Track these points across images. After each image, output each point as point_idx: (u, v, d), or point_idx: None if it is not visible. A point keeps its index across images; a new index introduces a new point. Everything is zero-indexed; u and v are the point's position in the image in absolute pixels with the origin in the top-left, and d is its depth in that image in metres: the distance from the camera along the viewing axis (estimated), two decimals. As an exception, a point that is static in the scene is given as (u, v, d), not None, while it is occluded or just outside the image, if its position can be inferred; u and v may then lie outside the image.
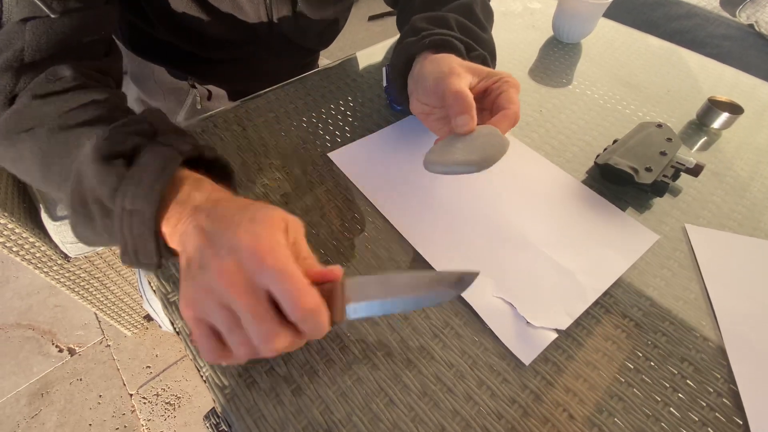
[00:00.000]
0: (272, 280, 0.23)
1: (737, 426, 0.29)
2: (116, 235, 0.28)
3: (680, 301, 0.36)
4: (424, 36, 0.41)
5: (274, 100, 0.54)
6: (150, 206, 0.27)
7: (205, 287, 0.24)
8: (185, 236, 0.26)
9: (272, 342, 0.23)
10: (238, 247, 0.24)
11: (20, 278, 1.23)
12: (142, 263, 0.29)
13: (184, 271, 0.26)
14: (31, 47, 0.33)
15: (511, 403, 0.29)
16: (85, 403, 1.00)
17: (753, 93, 0.60)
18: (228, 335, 0.24)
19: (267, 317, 0.23)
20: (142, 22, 0.53)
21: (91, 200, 0.28)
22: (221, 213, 0.26)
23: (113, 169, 0.27)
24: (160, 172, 0.27)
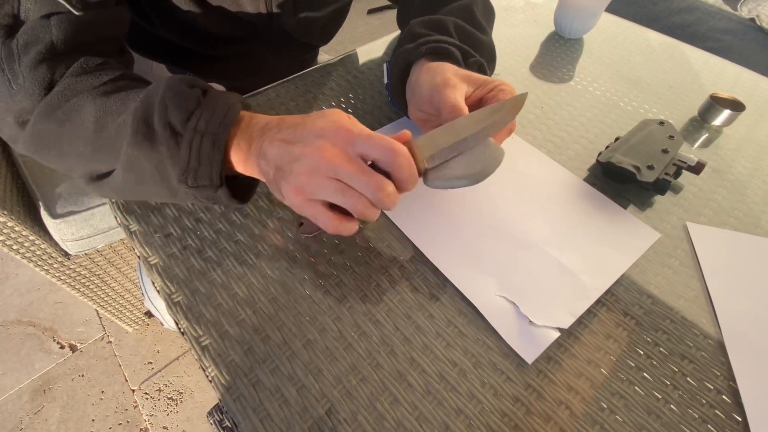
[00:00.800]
0: (364, 142, 0.28)
1: (736, 423, 0.30)
2: (180, 155, 0.30)
3: (681, 299, 0.36)
4: (421, 43, 0.41)
5: (274, 98, 0.53)
6: (223, 130, 0.30)
7: (307, 171, 0.28)
8: (263, 153, 0.30)
9: (383, 189, 0.28)
10: (324, 131, 0.29)
11: (20, 275, 1.22)
12: (199, 185, 0.31)
13: (276, 177, 0.30)
14: (60, 40, 0.34)
15: (514, 402, 0.30)
16: (87, 399, 1.00)
17: (755, 89, 0.60)
18: (343, 198, 0.28)
19: (372, 172, 0.29)
20: (141, 19, 0.53)
21: (160, 122, 0.30)
22: (290, 122, 0.31)
23: (193, 93, 0.30)
24: (231, 106, 0.31)
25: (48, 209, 0.73)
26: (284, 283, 0.35)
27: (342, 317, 0.34)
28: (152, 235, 0.38)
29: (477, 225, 0.39)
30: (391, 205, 0.30)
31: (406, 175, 0.29)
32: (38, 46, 0.33)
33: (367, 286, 0.36)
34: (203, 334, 0.32)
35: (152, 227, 0.39)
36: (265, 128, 0.31)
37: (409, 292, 0.35)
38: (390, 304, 0.35)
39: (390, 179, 0.30)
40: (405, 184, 0.30)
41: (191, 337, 0.32)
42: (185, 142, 0.30)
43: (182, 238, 0.38)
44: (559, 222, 0.40)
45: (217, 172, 0.31)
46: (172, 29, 0.53)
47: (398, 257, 0.38)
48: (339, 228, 0.30)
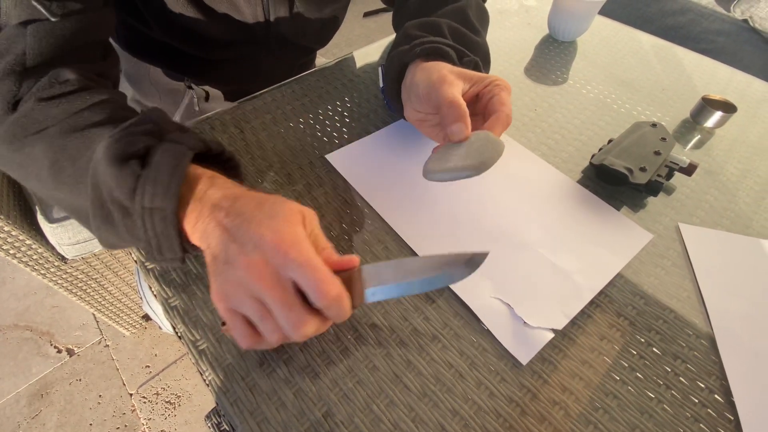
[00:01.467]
0: (297, 272, 0.26)
1: (728, 421, 0.30)
2: (138, 234, 0.29)
3: (674, 299, 0.36)
4: (416, 44, 0.41)
5: (270, 102, 0.54)
6: (170, 202, 0.28)
7: (234, 282, 0.26)
8: (207, 234, 0.28)
9: (301, 328, 0.26)
10: (262, 242, 0.26)
11: (17, 279, 1.22)
12: (167, 259, 0.30)
13: (210, 266, 0.28)
14: (33, 51, 0.33)
15: (509, 402, 0.30)
16: (85, 403, 1.00)
17: (747, 91, 0.60)
18: (260, 324, 0.26)
19: (295, 306, 0.26)
20: (138, 22, 0.53)
21: (110, 202, 0.29)
22: (240, 210, 0.28)
23: (128, 169, 0.28)
24: (174, 169, 0.28)
25: (44, 214, 0.73)
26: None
27: (338, 320, 0.34)
28: (149, 240, 0.38)
29: (472, 227, 0.40)
30: (312, 336, 0.28)
31: (334, 314, 0.27)
32: (8, 57, 0.32)
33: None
34: (200, 338, 0.33)
35: (149, 232, 0.39)
36: (216, 206, 0.28)
37: (405, 295, 0.36)
38: (386, 307, 0.35)
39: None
40: (333, 320, 0.28)
41: (188, 341, 0.33)
42: (138, 221, 0.28)
43: (179, 243, 0.38)
44: (553, 224, 0.41)
45: (178, 245, 0.29)
46: (169, 33, 0.53)
47: (394, 258, 0.38)
48: (252, 346, 0.28)
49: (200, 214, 0.29)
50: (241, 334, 0.27)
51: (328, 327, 0.28)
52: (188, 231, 0.29)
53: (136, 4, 0.50)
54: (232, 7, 0.50)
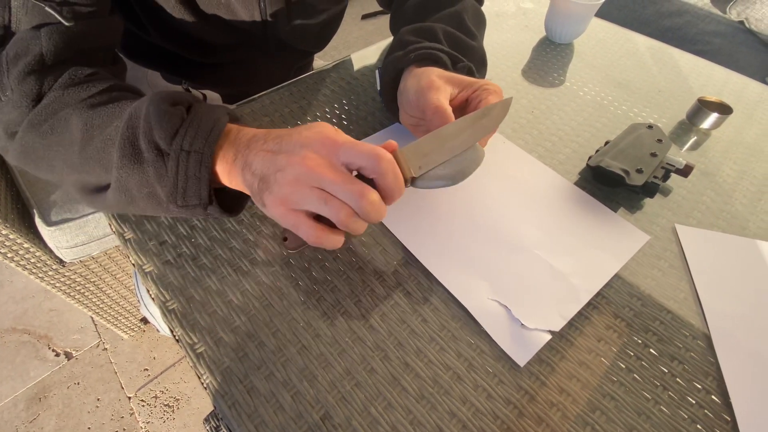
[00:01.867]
0: (349, 150, 0.28)
1: (725, 422, 0.30)
2: (168, 176, 0.30)
3: (670, 300, 0.37)
4: (410, 50, 0.42)
5: (269, 104, 0.54)
6: (209, 147, 0.30)
7: (290, 181, 0.28)
8: (249, 162, 0.30)
9: (365, 198, 0.27)
10: (308, 141, 0.29)
11: (14, 282, 1.22)
12: (189, 205, 0.31)
13: (261, 185, 0.29)
14: (50, 51, 0.34)
15: (506, 404, 0.30)
16: (83, 406, 1.00)
17: (743, 92, 0.61)
18: (326, 208, 0.28)
19: (355, 180, 0.28)
20: (136, 27, 0.53)
21: (146, 142, 0.30)
22: (276, 134, 0.31)
23: (177, 111, 0.30)
24: (216, 121, 0.31)
25: (42, 217, 0.73)
26: (278, 289, 0.36)
27: (336, 323, 0.34)
28: (147, 243, 0.39)
29: (470, 230, 0.40)
30: (376, 216, 0.29)
31: (391, 181, 0.29)
32: (27, 58, 0.34)
33: (361, 291, 0.36)
34: (198, 341, 0.33)
35: (147, 235, 0.39)
36: (252, 140, 0.31)
37: (402, 297, 0.36)
38: (384, 309, 0.35)
39: (376, 189, 0.29)
40: (391, 192, 0.29)
41: (186, 344, 0.33)
42: (172, 162, 0.30)
43: (177, 246, 0.38)
44: (551, 226, 0.41)
45: (206, 190, 0.30)
46: (167, 37, 0.53)
47: (392, 262, 0.38)
48: (322, 240, 0.29)
49: (237, 152, 0.31)
50: (309, 228, 0.28)
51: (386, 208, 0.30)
52: (225, 171, 0.31)
53: (134, 9, 0.50)
54: (230, 11, 0.50)
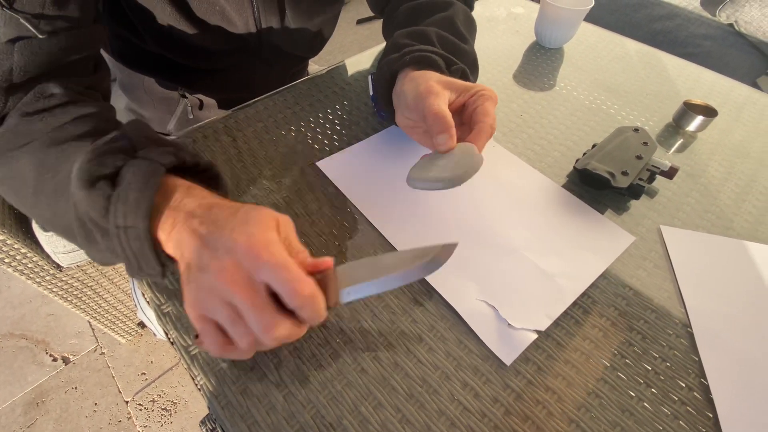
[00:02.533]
0: (269, 273, 0.25)
1: (707, 418, 0.31)
2: (117, 251, 0.29)
3: (655, 300, 0.37)
4: (405, 53, 0.43)
5: (263, 110, 0.55)
6: (141, 220, 0.28)
7: (206, 287, 0.26)
8: (181, 242, 0.28)
9: (272, 331, 0.26)
10: (234, 247, 0.26)
11: (12, 288, 1.22)
12: (147, 273, 0.30)
13: (184, 274, 0.28)
14: (20, 67, 0.34)
15: (493, 403, 0.31)
16: (81, 411, 1.00)
17: (729, 95, 0.62)
18: (231, 328, 0.26)
19: (266, 308, 0.26)
20: (131, 34, 0.54)
21: (88, 221, 0.29)
22: (214, 218, 0.28)
23: (99, 192, 0.28)
24: (143, 187, 0.28)
25: (40, 222, 0.74)
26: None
27: (327, 324, 0.35)
28: (142, 248, 0.39)
29: (459, 232, 0.41)
30: (286, 341, 0.27)
31: (308, 314, 0.26)
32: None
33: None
34: (192, 343, 0.33)
35: (142, 240, 0.40)
36: (191, 214, 0.29)
37: (393, 299, 0.36)
38: (374, 311, 0.36)
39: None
40: (309, 321, 0.28)
41: (180, 346, 0.33)
42: (115, 240, 0.29)
43: (172, 250, 0.39)
44: (539, 228, 0.42)
45: (155, 261, 0.29)
46: (163, 45, 0.54)
47: (383, 265, 0.39)
48: (224, 353, 0.27)
49: (175, 222, 0.29)
50: (212, 341, 0.27)
51: (303, 332, 0.28)
52: (163, 240, 0.30)
53: (129, 16, 0.50)
54: (224, 18, 0.51)
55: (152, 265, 0.29)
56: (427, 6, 0.51)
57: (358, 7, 1.35)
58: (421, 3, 0.52)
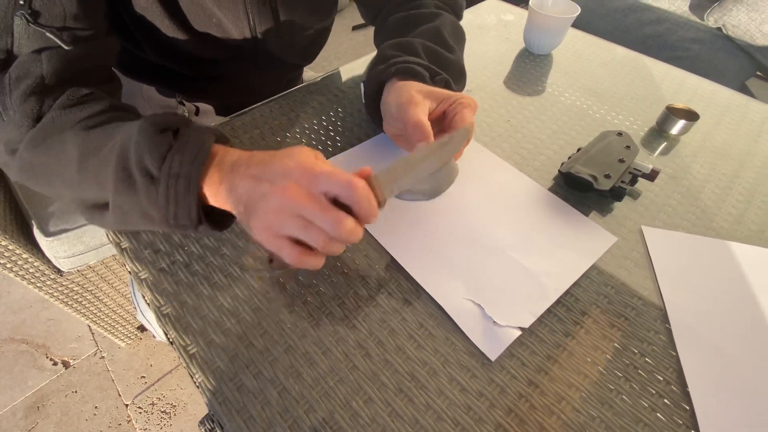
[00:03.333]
0: (326, 181, 0.30)
1: (684, 410, 0.32)
2: (159, 199, 0.32)
3: (635, 297, 0.39)
4: (391, 64, 0.45)
5: (259, 117, 0.56)
6: (196, 170, 0.32)
7: (273, 210, 0.30)
8: (234, 187, 0.32)
9: (341, 225, 0.30)
10: (289, 171, 0.31)
11: (12, 293, 1.23)
12: (181, 225, 0.33)
13: (245, 210, 0.31)
14: (50, 73, 0.37)
15: (479, 396, 0.32)
16: (81, 414, 1.01)
17: (712, 99, 0.64)
18: (305, 234, 0.30)
19: (331, 209, 0.30)
20: (131, 45, 0.55)
21: (137, 168, 0.32)
22: (259, 159, 0.32)
23: (164, 138, 0.32)
24: (202, 143, 0.33)
25: (41, 227, 0.75)
26: (266, 293, 0.38)
27: (321, 323, 0.36)
28: (142, 251, 0.41)
29: (448, 234, 0.42)
30: (352, 240, 0.31)
31: (365, 207, 0.31)
32: (28, 80, 0.36)
33: (345, 294, 0.38)
34: (191, 343, 0.35)
35: (142, 244, 0.41)
36: (236, 164, 0.33)
37: (384, 298, 0.38)
38: (366, 310, 0.37)
39: (352, 214, 0.31)
40: (366, 217, 0.31)
41: (179, 346, 0.35)
42: (162, 186, 0.32)
43: (171, 254, 0.41)
44: (524, 229, 0.43)
45: (195, 212, 0.32)
46: (161, 54, 0.56)
47: (374, 265, 0.40)
48: (303, 262, 0.31)
49: (222, 175, 0.32)
50: (290, 252, 0.30)
51: (361, 232, 0.31)
52: (212, 193, 0.33)
53: (130, 29, 0.52)
54: (221, 29, 0.53)
55: (191, 215, 0.32)
56: (415, 17, 0.53)
57: (353, 13, 1.37)
58: (410, 14, 0.54)
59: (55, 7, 0.37)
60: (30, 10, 0.36)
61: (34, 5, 0.36)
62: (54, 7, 0.37)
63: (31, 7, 0.36)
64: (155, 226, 0.34)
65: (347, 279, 0.39)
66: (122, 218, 0.35)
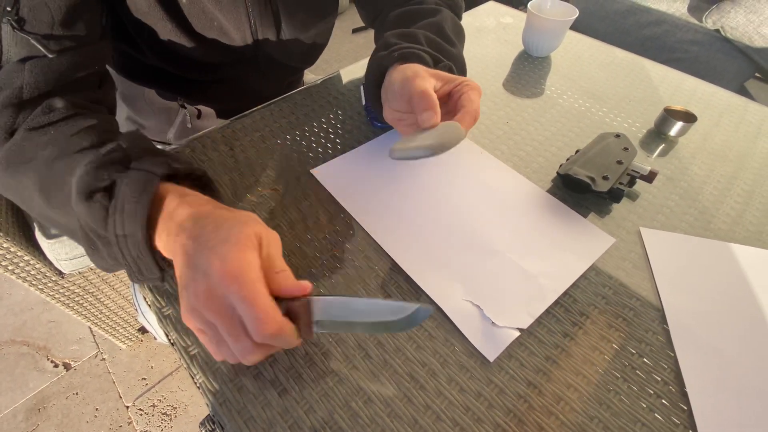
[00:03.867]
0: (237, 306, 0.26)
1: (681, 411, 0.33)
2: (119, 259, 0.31)
3: (633, 298, 0.39)
4: (394, 50, 0.44)
5: (259, 120, 0.57)
6: (139, 229, 0.30)
7: (191, 305, 0.28)
8: (174, 254, 0.30)
9: (248, 356, 0.28)
10: (210, 271, 0.27)
11: (13, 295, 1.23)
12: (149, 278, 0.32)
13: (179, 286, 0.29)
14: (30, 85, 0.36)
15: (477, 397, 0.33)
16: (82, 416, 1.01)
17: (710, 100, 0.64)
18: (215, 347, 0.29)
19: (240, 337, 0.27)
20: (132, 49, 0.56)
21: (92, 233, 0.31)
22: (198, 233, 0.29)
23: (96, 204, 0.30)
24: (139, 197, 0.30)
25: (42, 230, 0.75)
26: (267, 295, 0.38)
27: (321, 324, 0.36)
28: (144, 253, 0.41)
29: (447, 236, 0.43)
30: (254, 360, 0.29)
31: (278, 345, 0.28)
32: (7, 91, 0.35)
33: (345, 294, 0.38)
34: (192, 344, 0.35)
35: (144, 246, 0.42)
36: (181, 226, 0.30)
37: (383, 299, 0.38)
38: (365, 311, 0.37)
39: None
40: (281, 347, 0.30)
41: (180, 347, 0.35)
42: (115, 248, 0.31)
43: (172, 255, 0.41)
44: (523, 230, 0.43)
45: (155, 265, 0.31)
46: (162, 58, 0.56)
47: (374, 267, 0.41)
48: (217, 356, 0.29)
49: (168, 232, 0.30)
50: (210, 349, 0.29)
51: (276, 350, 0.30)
52: (161, 248, 0.31)
53: (131, 32, 0.53)
54: (222, 32, 0.53)
55: (152, 270, 0.31)
56: (415, 12, 0.54)
57: (353, 16, 1.38)
58: (411, 9, 0.54)
59: (43, 14, 0.36)
60: (17, 16, 0.35)
61: (21, 12, 0.35)
62: (41, 13, 0.36)
63: (18, 13, 0.35)
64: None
65: (347, 280, 0.40)
66: (104, 269, 0.35)
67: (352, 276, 0.40)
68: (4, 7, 0.35)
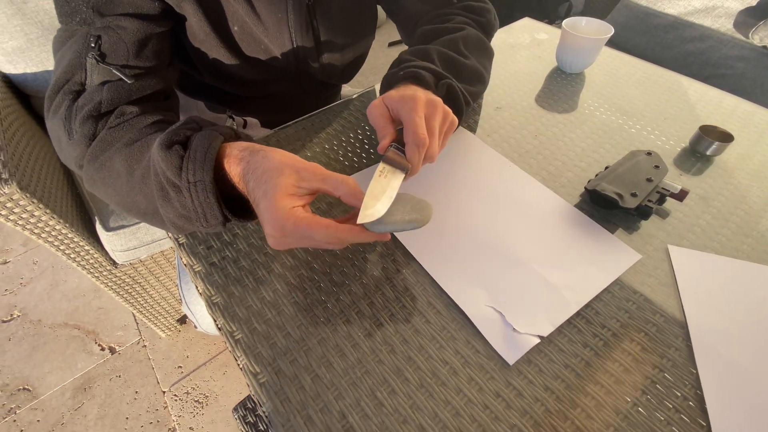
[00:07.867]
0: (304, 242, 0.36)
1: (700, 427, 0.33)
2: (188, 205, 0.36)
3: (657, 314, 0.40)
4: (402, 68, 0.49)
5: (301, 130, 0.61)
6: (207, 173, 0.35)
7: (275, 244, 0.36)
8: (243, 178, 0.37)
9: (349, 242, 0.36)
10: (258, 206, 0.35)
11: (68, 282, 1.35)
12: (212, 225, 0.37)
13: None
14: (107, 101, 0.43)
15: (495, 397, 0.34)
16: (122, 398, 1.09)
17: (750, 120, 0.63)
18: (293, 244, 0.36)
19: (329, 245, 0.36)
20: (190, 69, 0.62)
21: (165, 182, 0.37)
22: (254, 166, 0.36)
23: (175, 153, 0.36)
24: (208, 148, 0.36)
25: (102, 223, 0.83)
26: (303, 289, 0.42)
27: (351, 320, 0.39)
28: (197, 247, 0.46)
29: (473, 243, 0.45)
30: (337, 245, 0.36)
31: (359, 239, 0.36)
32: (89, 106, 0.42)
33: (374, 294, 0.41)
34: (236, 329, 0.39)
35: (197, 240, 0.47)
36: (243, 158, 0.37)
37: (409, 300, 0.41)
38: (392, 310, 0.40)
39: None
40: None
41: (227, 332, 0.39)
42: (185, 194, 0.36)
43: (221, 250, 0.45)
44: (548, 242, 0.45)
45: (219, 211, 0.36)
46: (215, 77, 0.62)
47: (402, 270, 0.43)
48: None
49: (240, 159, 0.37)
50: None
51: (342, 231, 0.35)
52: (235, 183, 0.37)
53: (189, 55, 0.59)
54: (267, 53, 0.58)
55: (216, 215, 0.36)
56: (440, 30, 0.57)
57: (390, 30, 1.43)
58: (436, 27, 0.58)
59: (120, 49, 0.44)
60: (99, 51, 0.43)
61: (103, 47, 0.43)
62: (118, 49, 0.44)
63: (101, 49, 0.43)
64: (195, 227, 0.39)
65: (376, 281, 0.42)
66: (171, 223, 0.40)
67: (380, 277, 0.43)
68: (89, 44, 0.43)
